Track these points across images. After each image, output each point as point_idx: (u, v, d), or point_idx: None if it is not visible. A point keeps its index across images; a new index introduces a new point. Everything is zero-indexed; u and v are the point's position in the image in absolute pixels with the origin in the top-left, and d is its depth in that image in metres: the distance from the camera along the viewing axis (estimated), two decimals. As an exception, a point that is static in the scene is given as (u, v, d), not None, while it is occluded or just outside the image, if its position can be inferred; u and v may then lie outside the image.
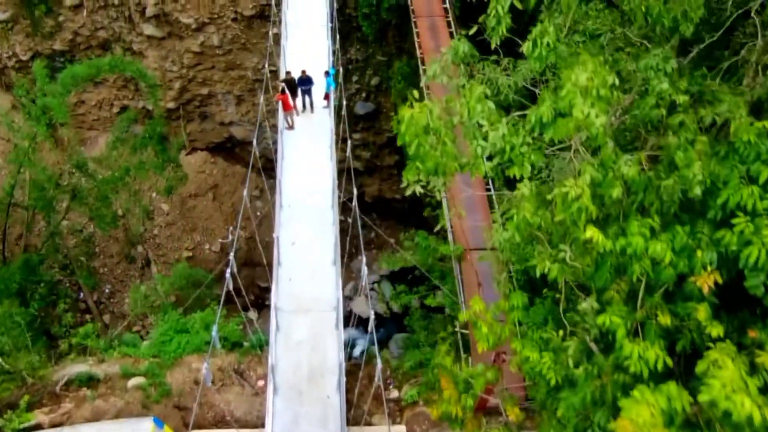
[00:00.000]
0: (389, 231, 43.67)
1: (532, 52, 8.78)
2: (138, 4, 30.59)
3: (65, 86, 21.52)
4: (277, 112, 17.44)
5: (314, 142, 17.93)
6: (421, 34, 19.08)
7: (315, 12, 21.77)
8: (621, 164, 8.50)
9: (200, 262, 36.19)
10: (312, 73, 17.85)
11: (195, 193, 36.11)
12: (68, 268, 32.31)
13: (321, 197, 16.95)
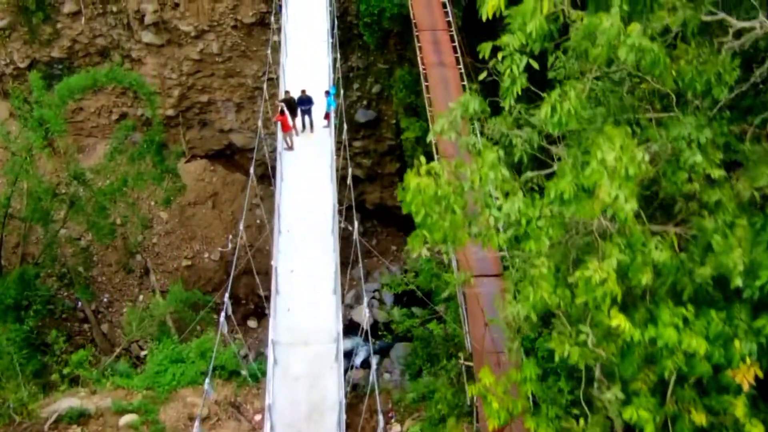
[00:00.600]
0: (390, 238, 43.36)
1: (551, 117, 8.11)
2: (137, 12, 30.28)
3: (62, 97, 21.20)
4: (276, 133, 16.98)
5: (314, 164, 17.45)
6: (423, 49, 18.73)
7: (315, 27, 21.37)
8: (651, 248, 7.87)
9: (199, 271, 35.90)
10: (312, 93, 17.44)
11: (194, 201, 35.78)
12: (66, 276, 32.02)
13: (321, 222, 16.45)
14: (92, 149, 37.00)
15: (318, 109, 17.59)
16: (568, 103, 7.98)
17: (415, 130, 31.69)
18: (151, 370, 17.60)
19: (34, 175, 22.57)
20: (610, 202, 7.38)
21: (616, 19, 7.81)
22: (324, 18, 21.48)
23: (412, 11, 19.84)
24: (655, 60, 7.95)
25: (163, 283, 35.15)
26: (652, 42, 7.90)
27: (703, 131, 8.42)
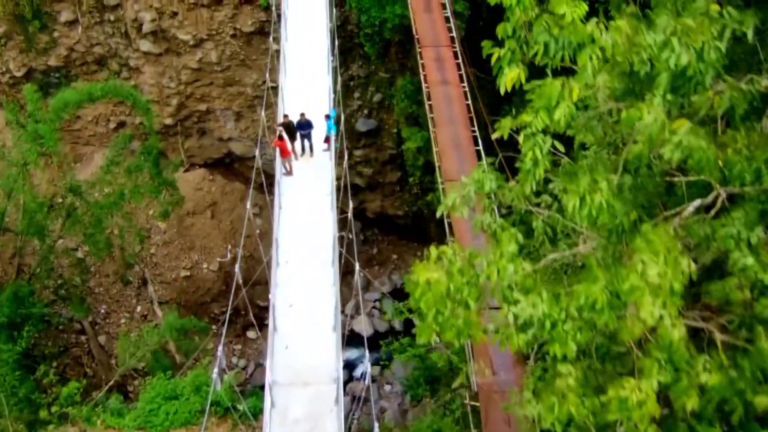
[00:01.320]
0: (391, 246, 42.93)
1: (580, 209, 7.24)
2: (134, 21, 29.84)
3: (56, 112, 20.77)
4: (274, 159, 16.45)
5: (314, 191, 16.67)
6: (426, 66, 18.19)
7: (314, 45, 20.70)
8: (699, 369, 7.02)
9: (198, 282, 35.48)
10: (311, 116, 16.87)
11: (193, 211, 35.34)
12: (63, 288, 31.61)
13: (321, 253, 15.71)
14: (89, 158, 36.58)
15: (318, 133, 17.00)
16: (600, 196, 7.15)
17: (416, 141, 31.25)
18: (144, 407, 16.86)
19: (29, 190, 22.12)
20: (654, 323, 6.59)
21: (660, 113, 6.95)
22: (324, 35, 20.91)
23: (415, 26, 19.30)
24: (704, 158, 7.09)
25: (161, 294, 34.76)
26: (699, 137, 7.05)
27: (755, 229, 7.34)
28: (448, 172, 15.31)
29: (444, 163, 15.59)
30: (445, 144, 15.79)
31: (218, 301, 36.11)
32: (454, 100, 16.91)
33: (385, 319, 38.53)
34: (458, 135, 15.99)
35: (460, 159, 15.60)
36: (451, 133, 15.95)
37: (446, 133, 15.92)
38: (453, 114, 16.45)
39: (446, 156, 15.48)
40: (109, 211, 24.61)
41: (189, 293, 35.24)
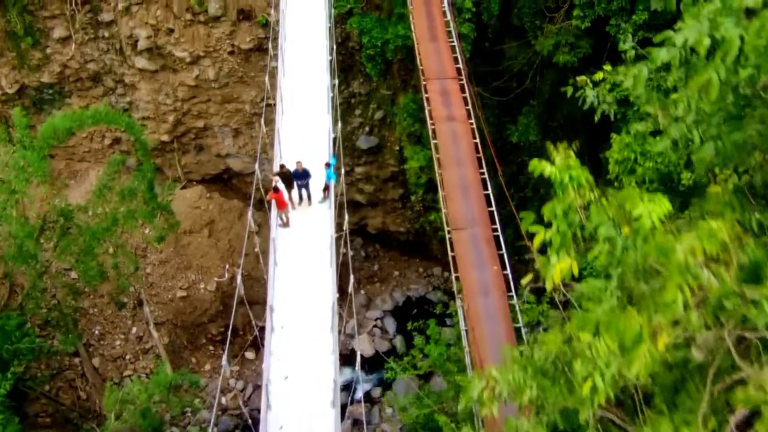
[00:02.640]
0: (393, 263, 42.10)
1: None
2: (129, 37, 29.02)
3: (45, 139, 19.93)
4: (269, 212, 15.52)
5: (312, 245, 15.38)
6: (431, 101, 17.20)
7: (314, 81, 19.53)
8: None
9: (195, 302, 34.66)
10: (310, 162, 15.86)
11: (190, 229, 34.51)
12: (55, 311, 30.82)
13: (320, 317, 14.48)
14: (84, 174, 35.80)
15: (316, 181, 15.92)
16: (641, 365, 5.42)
17: (419, 160, 30.46)
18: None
19: (17, 218, 21.30)
20: None
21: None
22: (325, 72, 19.90)
23: (419, 56, 18.34)
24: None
25: (157, 315, 33.95)
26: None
27: None
28: (455, 219, 14.34)
29: (450, 209, 14.58)
30: (451, 187, 14.86)
31: (215, 321, 35.29)
32: (461, 138, 15.92)
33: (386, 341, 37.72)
34: (466, 177, 15.07)
35: (468, 204, 14.66)
36: (459, 176, 15.01)
37: (453, 176, 14.99)
38: (460, 154, 15.51)
39: (453, 201, 14.55)
40: (102, 237, 23.74)
41: (186, 314, 34.43)
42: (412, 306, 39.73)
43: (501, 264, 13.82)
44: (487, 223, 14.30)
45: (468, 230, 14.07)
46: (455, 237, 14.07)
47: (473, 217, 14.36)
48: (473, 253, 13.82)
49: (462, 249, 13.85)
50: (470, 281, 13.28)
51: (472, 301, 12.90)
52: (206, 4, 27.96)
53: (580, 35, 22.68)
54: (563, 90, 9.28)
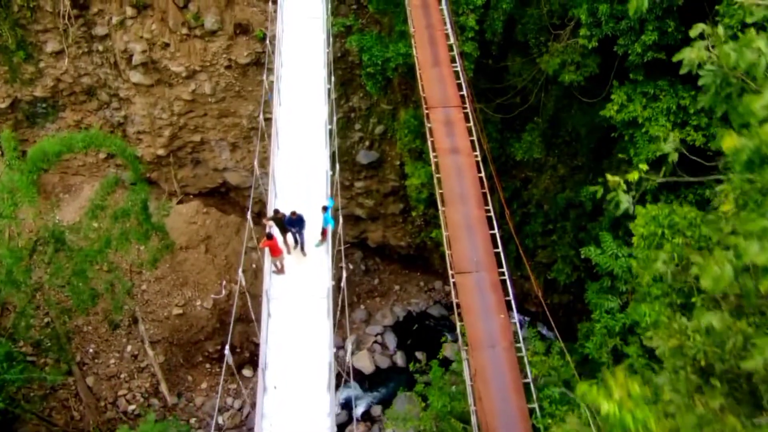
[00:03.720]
0: (393, 276, 41.41)
1: None
2: (124, 52, 28.33)
3: (34, 162, 19.26)
4: (263, 259, 14.75)
5: (308, 295, 14.46)
6: (435, 131, 16.35)
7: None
8: None
9: (191, 319, 33.97)
10: (307, 200, 15.04)
11: (186, 245, 33.82)
12: (49, 327, 30.19)
13: (316, 376, 13.39)
14: (79, 188, 35.13)
15: (312, 225, 14.98)
16: None
17: (420, 177, 29.76)
18: None
19: (6, 243, 20.63)
20: None
21: None
22: (323, 100, 19.15)
23: (421, 83, 17.55)
24: None
25: (152, 333, 33.27)
26: None
27: None
28: (459, 262, 13.54)
29: (455, 251, 13.75)
30: (455, 227, 14.08)
31: (212, 339, 34.59)
32: (466, 173, 15.14)
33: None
34: (470, 216, 14.31)
35: (472, 245, 13.88)
36: (463, 214, 14.26)
37: (457, 214, 14.22)
38: (464, 190, 14.74)
39: (457, 242, 13.77)
40: (94, 259, 23.07)
41: (182, 331, 33.75)
42: (413, 321, 39.08)
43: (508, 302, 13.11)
44: (494, 266, 13.57)
45: (473, 274, 13.34)
46: (459, 282, 13.31)
47: (478, 260, 13.61)
48: (479, 300, 13.10)
49: (467, 296, 13.12)
50: (476, 332, 12.53)
51: (477, 355, 12.19)
52: (202, 19, 27.27)
53: (586, 54, 21.96)
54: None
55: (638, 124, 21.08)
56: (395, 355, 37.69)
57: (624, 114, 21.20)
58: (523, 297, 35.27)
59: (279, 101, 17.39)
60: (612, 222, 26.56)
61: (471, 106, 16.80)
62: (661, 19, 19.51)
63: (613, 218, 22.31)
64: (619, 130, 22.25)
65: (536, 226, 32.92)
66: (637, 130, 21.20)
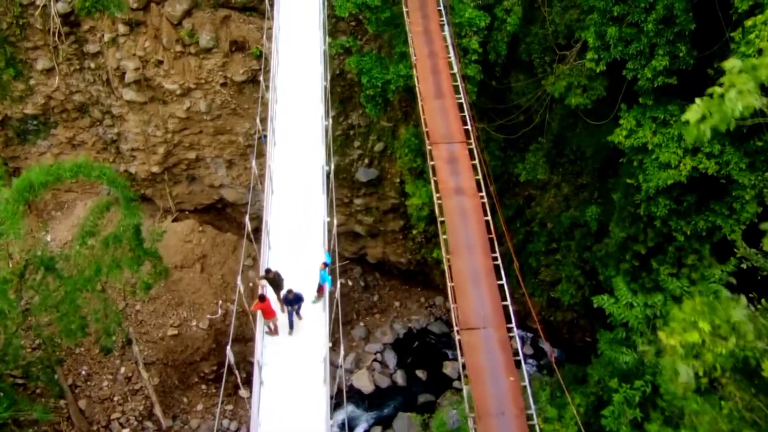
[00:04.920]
0: (393, 292, 40.66)
1: None
2: (117, 69, 27.54)
3: (20, 192, 18.47)
4: (254, 324, 13.88)
5: (304, 357, 13.24)
6: (438, 169, 15.39)
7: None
8: None
9: (186, 340, 33.20)
10: (303, 266, 13.95)
11: (181, 264, 33.06)
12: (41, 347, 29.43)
13: None
14: (72, 205, 34.37)
15: (309, 274, 14.03)
16: None
17: (421, 197, 29.03)
18: None
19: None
20: None
21: None
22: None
23: (424, 117, 16.72)
24: None
25: (147, 354, 32.49)
26: None
27: None
28: (466, 317, 12.60)
29: (461, 305, 12.85)
30: (461, 278, 13.20)
31: (208, 359, 33.82)
32: (471, 216, 14.29)
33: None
34: (477, 265, 13.47)
35: (480, 299, 13.04)
36: (469, 264, 13.39)
37: (463, 264, 13.35)
38: (470, 237, 13.87)
39: (463, 295, 12.89)
40: (84, 287, 22.28)
41: (177, 352, 32.98)
42: (414, 338, 38.36)
43: (517, 361, 12.30)
44: (502, 321, 12.74)
45: (480, 331, 12.50)
46: (466, 340, 12.46)
47: (486, 315, 12.74)
48: (486, 359, 12.24)
49: (474, 355, 12.27)
50: (483, 398, 11.67)
51: (485, 423, 11.38)
52: (197, 36, 26.48)
53: (593, 76, 21.21)
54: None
55: (648, 150, 20.34)
56: (395, 374, 37.00)
57: (633, 140, 20.45)
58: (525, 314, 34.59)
59: (274, 141, 16.53)
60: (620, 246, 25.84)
61: (476, 142, 15.99)
62: (672, 43, 18.76)
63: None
64: (627, 156, 21.51)
65: (540, 245, 32.20)
66: (647, 156, 20.45)
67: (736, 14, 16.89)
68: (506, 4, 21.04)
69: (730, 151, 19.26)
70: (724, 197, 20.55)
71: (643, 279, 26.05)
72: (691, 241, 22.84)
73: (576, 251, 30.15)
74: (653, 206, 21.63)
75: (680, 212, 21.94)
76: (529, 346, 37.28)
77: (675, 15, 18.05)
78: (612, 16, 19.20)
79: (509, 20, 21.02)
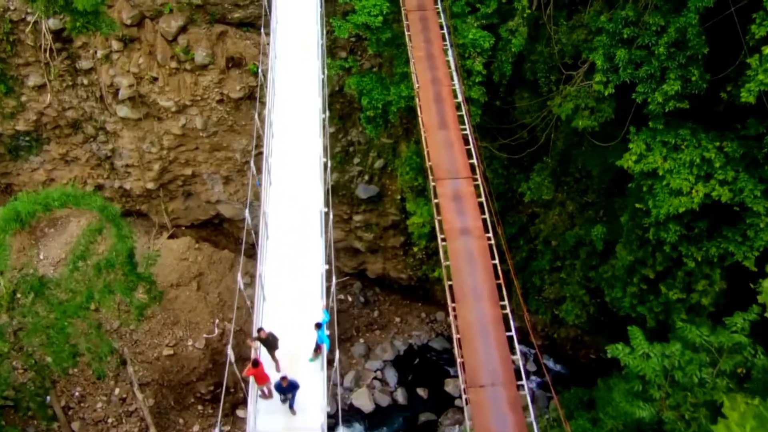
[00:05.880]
0: (394, 308, 39.97)
1: None
2: (110, 86, 26.83)
3: (7, 222, 17.77)
4: (247, 391, 13.08)
5: (300, 425, 12.58)
6: (443, 209, 14.54)
7: (306, 198, 16.55)
8: None
9: (182, 360, 32.46)
10: (300, 314, 13.21)
11: (177, 282, 32.33)
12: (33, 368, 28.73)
13: None
14: (65, 222, 33.61)
15: (307, 338, 13.15)
16: None
17: (423, 215, 28.31)
18: None
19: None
20: None
21: None
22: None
23: (427, 149, 15.91)
24: None
25: (142, 375, 31.74)
26: None
27: None
28: (473, 374, 11.76)
29: (468, 360, 12.07)
30: (468, 330, 12.36)
31: (205, 379, 33.09)
32: (478, 260, 13.49)
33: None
34: (485, 316, 12.65)
35: (488, 353, 12.18)
36: (477, 314, 12.58)
37: (470, 314, 12.55)
38: (477, 284, 13.04)
39: (471, 348, 12.07)
40: (74, 315, 21.58)
41: (172, 373, 32.24)
42: (415, 355, 37.67)
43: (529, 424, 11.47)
44: (512, 378, 11.90)
45: (488, 389, 11.71)
46: (473, 399, 11.62)
47: (494, 370, 11.92)
48: (495, 421, 11.43)
49: (482, 416, 11.42)
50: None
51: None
52: (192, 53, 25.77)
53: (601, 98, 20.49)
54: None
55: (658, 175, 19.64)
56: (396, 392, 36.35)
57: (643, 165, 19.74)
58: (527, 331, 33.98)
59: (269, 181, 15.76)
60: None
61: (482, 178, 15.23)
62: (684, 66, 18.06)
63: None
64: (636, 180, 20.81)
65: (544, 263, 31.51)
66: (657, 181, 19.75)
67: (753, 40, 16.19)
68: (511, 25, 20.33)
69: (744, 177, 18.58)
70: (738, 224, 19.86)
71: (651, 303, 25.39)
72: (702, 266, 22.17)
73: (581, 270, 29.46)
74: (663, 232, 20.94)
75: (691, 238, 21.25)
76: (531, 363, 36.61)
77: (687, 39, 17.35)
78: (621, 38, 18.51)
79: (514, 41, 20.32)
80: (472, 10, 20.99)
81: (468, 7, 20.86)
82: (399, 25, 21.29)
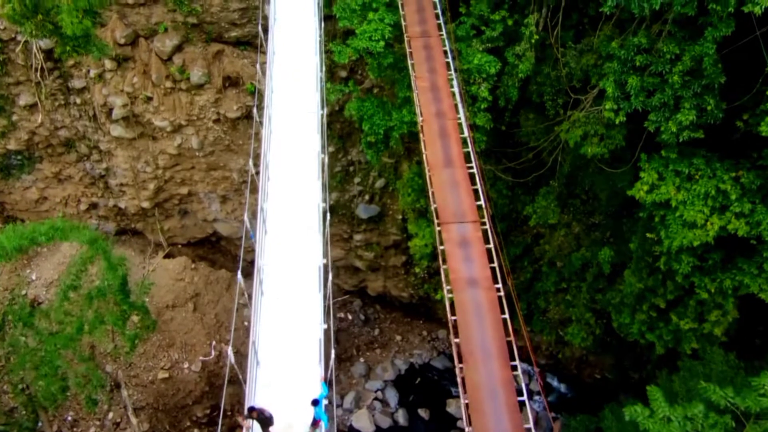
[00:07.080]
0: (395, 326, 39.22)
1: None
2: (103, 105, 26.07)
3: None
4: None
5: None
6: (449, 254, 13.62)
7: (303, 251, 15.54)
8: None
9: (178, 383, 31.68)
10: (294, 382, 12.49)
11: (173, 303, 31.55)
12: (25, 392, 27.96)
13: None
14: (58, 242, 32.83)
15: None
16: None
17: (425, 238, 27.53)
18: None
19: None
20: None
21: None
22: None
23: (431, 189, 15.12)
24: None
25: (136, 399, 30.99)
26: None
27: None
28: (479, 426, 10.98)
29: (477, 426, 11.27)
30: (477, 393, 11.43)
31: (201, 402, 32.31)
32: (486, 315, 12.60)
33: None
34: (494, 378, 11.62)
35: (498, 419, 11.43)
36: (486, 376, 11.58)
37: (478, 375, 11.53)
38: (486, 341, 12.09)
39: (479, 415, 11.22)
40: (64, 347, 20.82)
41: (168, 396, 31.47)
42: (416, 374, 36.93)
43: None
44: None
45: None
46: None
47: (501, 420, 11.18)
48: None
49: None
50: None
51: None
52: (188, 72, 25.02)
53: (611, 125, 19.72)
54: None
55: (671, 206, 18.87)
56: (397, 413, 35.56)
57: (655, 195, 18.95)
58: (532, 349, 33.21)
59: (265, 230, 14.94)
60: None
61: (490, 221, 14.42)
62: (699, 95, 17.28)
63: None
64: (647, 210, 20.03)
65: (548, 284, 30.73)
66: (670, 212, 18.98)
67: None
68: (518, 50, 19.53)
69: (762, 210, 17.80)
70: (754, 256, 19.10)
71: (661, 330, 24.62)
72: (715, 296, 21.42)
73: (587, 293, 28.71)
74: (675, 263, 20.17)
75: (704, 269, 20.49)
76: (535, 382, 35.85)
77: (703, 68, 16.58)
78: (633, 66, 17.74)
79: (521, 67, 19.54)
80: (478, 33, 20.19)
81: (473, 30, 20.06)
82: (401, 47, 20.51)
